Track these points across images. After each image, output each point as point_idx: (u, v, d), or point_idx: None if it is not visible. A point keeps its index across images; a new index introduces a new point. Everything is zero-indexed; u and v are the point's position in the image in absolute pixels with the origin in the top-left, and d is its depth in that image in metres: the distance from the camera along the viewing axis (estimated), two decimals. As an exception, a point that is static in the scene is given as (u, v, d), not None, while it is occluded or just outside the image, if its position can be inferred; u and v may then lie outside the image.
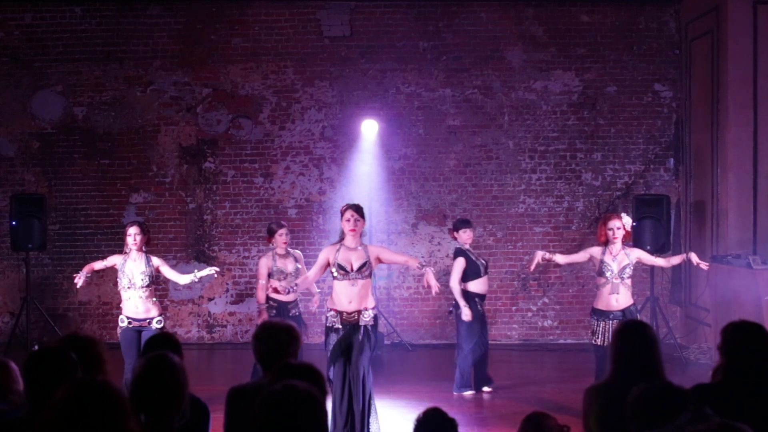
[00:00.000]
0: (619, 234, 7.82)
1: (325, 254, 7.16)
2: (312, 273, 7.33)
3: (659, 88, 11.70)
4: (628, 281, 7.85)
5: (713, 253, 10.39)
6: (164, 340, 4.40)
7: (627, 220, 7.95)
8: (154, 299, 7.99)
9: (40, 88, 11.66)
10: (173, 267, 11.44)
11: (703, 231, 10.98)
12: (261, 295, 8.44)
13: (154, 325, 7.83)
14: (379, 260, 7.17)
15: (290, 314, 8.68)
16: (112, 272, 11.61)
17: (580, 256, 8.16)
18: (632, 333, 4.16)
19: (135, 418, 2.85)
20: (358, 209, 7.10)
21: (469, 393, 8.74)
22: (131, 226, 7.99)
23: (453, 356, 9.11)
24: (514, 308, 11.71)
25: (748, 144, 10.28)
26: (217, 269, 8.31)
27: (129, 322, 7.84)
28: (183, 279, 8.17)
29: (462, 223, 8.96)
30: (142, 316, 7.85)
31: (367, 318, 7.05)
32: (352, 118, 11.50)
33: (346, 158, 11.63)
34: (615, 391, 3.88)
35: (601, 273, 7.86)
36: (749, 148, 10.28)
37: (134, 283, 7.83)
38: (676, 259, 8.63)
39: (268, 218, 11.66)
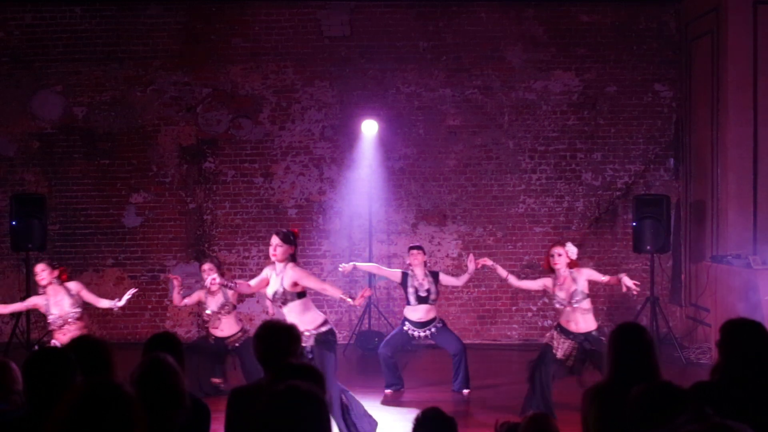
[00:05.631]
0: (560, 261, 7.82)
1: (266, 273, 7.34)
2: (253, 282, 7.49)
3: (659, 88, 11.70)
4: (584, 305, 7.77)
5: (713, 253, 10.40)
6: (164, 340, 4.39)
7: (571, 249, 7.90)
8: (84, 326, 8.03)
9: (40, 88, 11.65)
10: (174, 267, 11.57)
11: (703, 231, 10.98)
12: (176, 297, 8.84)
13: None
14: (297, 284, 7.18)
15: (229, 348, 8.73)
16: (115, 268, 11.66)
17: (534, 284, 8.15)
18: (630, 336, 4.19)
19: (146, 420, 2.85)
20: (282, 235, 7.23)
21: (465, 391, 8.79)
22: (37, 264, 8.05)
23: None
24: (514, 308, 11.71)
25: (748, 144, 10.28)
26: (135, 290, 8.37)
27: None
28: (102, 303, 8.18)
29: (410, 247, 9.16)
30: None
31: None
32: (352, 118, 11.51)
33: (346, 158, 11.64)
34: (613, 393, 3.89)
35: (553, 303, 7.94)
36: (749, 148, 10.28)
37: (68, 318, 7.89)
38: (613, 279, 8.12)
39: (268, 218, 11.67)
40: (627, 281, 7.81)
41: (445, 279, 9.03)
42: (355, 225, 11.63)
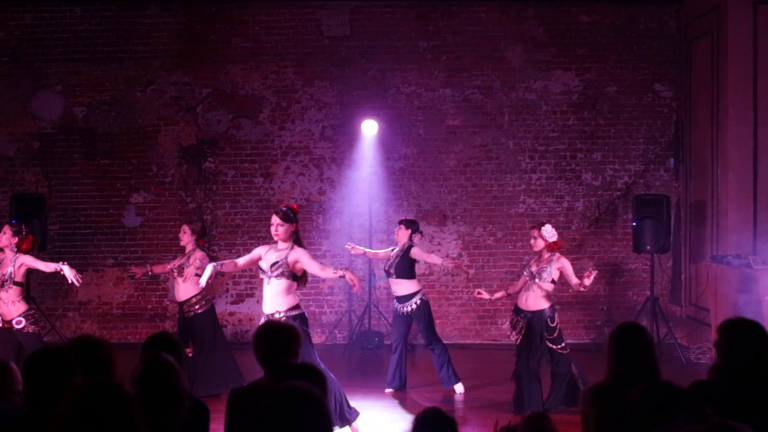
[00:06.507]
0: (537, 243, 7.94)
1: (259, 250, 7.32)
2: (241, 260, 7.48)
3: (659, 88, 11.71)
4: (545, 285, 7.84)
5: (713, 253, 10.40)
6: (162, 340, 4.39)
7: (546, 232, 7.89)
8: (19, 300, 7.89)
9: (40, 88, 11.66)
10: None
11: (702, 231, 10.98)
12: (157, 268, 9.38)
13: (15, 326, 7.83)
14: (298, 263, 7.15)
15: (186, 316, 8.76)
16: (115, 268, 11.66)
17: (523, 278, 8.15)
18: (630, 336, 4.19)
19: (146, 419, 2.85)
20: (281, 214, 7.20)
21: (459, 387, 8.79)
22: (6, 225, 8.10)
23: (452, 356, 9.13)
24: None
25: (748, 144, 10.29)
26: (78, 282, 7.99)
27: (1, 322, 7.94)
28: (47, 267, 8.06)
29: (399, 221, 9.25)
30: (7, 317, 7.86)
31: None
32: (352, 118, 11.51)
33: (346, 158, 11.64)
34: (613, 393, 3.89)
35: (522, 272, 8.08)
36: (749, 148, 10.28)
37: (1, 281, 7.90)
38: (576, 283, 7.91)
39: (268, 218, 11.57)
40: (585, 281, 7.65)
41: (416, 253, 8.87)
42: (356, 225, 11.63)
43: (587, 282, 7.62)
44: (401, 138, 11.67)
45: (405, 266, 8.84)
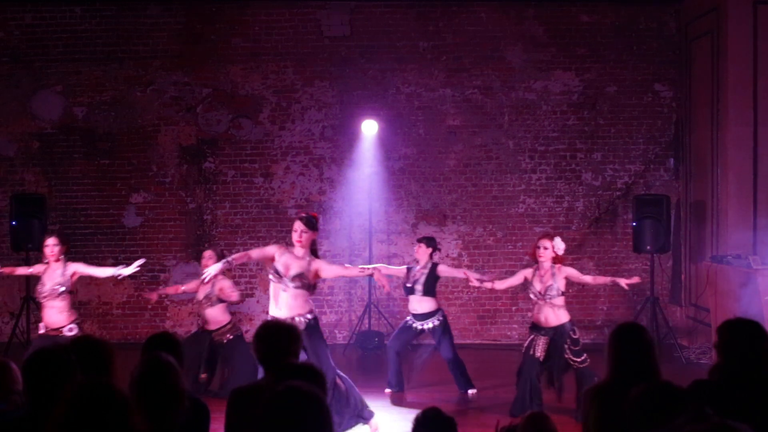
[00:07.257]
0: (546, 254, 7.90)
1: (273, 249, 7.29)
2: (254, 252, 7.51)
3: (659, 88, 11.71)
4: (557, 301, 7.84)
5: (713, 253, 10.40)
6: (163, 340, 4.39)
7: (559, 245, 7.91)
8: (69, 309, 8.03)
9: (40, 88, 11.66)
10: (174, 267, 11.58)
11: (702, 231, 10.98)
12: (170, 290, 9.74)
13: (66, 333, 7.88)
14: (317, 275, 7.22)
15: (216, 342, 8.77)
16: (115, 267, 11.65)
17: (516, 279, 8.19)
18: (630, 336, 4.19)
19: (142, 419, 2.86)
20: (306, 221, 7.23)
21: (472, 391, 8.80)
22: (49, 236, 8.14)
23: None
24: (514, 308, 11.71)
25: (748, 144, 10.29)
26: (143, 260, 8.37)
27: (45, 329, 8.00)
28: (105, 272, 8.22)
29: (417, 239, 9.23)
30: (56, 326, 7.95)
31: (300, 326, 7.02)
32: (352, 118, 11.51)
33: (346, 158, 11.64)
34: (613, 393, 3.89)
35: (528, 293, 8.00)
36: (749, 148, 10.28)
37: (53, 292, 7.93)
38: (601, 279, 8.42)
39: (268, 218, 11.68)
40: (622, 282, 7.84)
41: (443, 270, 8.93)
42: (356, 225, 11.64)
43: (634, 281, 7.91)
44: (401, 138, 11.67)
45: (432, 284, 8.86)
